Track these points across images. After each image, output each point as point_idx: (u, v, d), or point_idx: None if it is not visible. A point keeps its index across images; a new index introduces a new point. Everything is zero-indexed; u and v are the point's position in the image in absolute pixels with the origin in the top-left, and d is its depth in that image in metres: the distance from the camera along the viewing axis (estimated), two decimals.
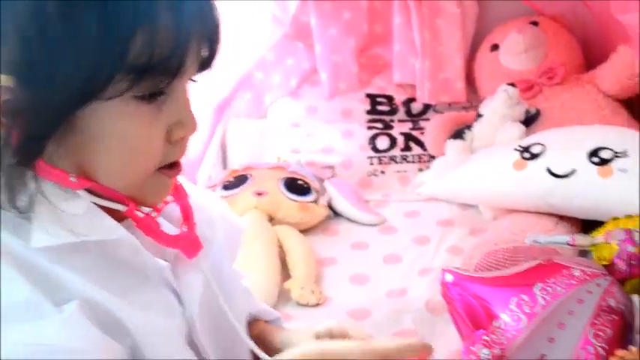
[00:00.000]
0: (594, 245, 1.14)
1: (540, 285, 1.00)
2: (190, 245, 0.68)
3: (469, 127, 1.79)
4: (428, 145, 1.87)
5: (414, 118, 1.99)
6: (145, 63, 0.55)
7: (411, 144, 1.91)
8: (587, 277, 1.02)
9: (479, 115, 1.79)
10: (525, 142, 1.57)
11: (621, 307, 1.01)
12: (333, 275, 1.51)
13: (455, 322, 1.06)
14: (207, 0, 0.60)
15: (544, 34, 1.92)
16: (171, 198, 0.68)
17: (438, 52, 1.99)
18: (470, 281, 1.04)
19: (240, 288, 0.81)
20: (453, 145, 1.77)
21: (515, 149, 1.56)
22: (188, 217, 0.69)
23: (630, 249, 1.10)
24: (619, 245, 1.11)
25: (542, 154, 1.51)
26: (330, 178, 1.83)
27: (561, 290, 0.99)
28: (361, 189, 1.84)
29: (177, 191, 0.69)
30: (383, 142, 1.91)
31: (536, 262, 1.08)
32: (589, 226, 1.34)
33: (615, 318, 0.99)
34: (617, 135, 1.51)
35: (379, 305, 1.38)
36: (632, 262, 1.09)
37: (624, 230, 1.13)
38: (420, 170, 1.87)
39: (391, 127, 1.95)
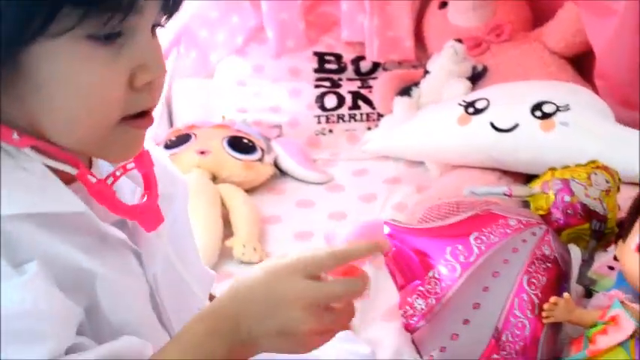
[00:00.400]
0: (532, 196, 1.15)
1: (476, 234, 1.00)
2: (150, 218, 0.63)
3: (417, 84, 1.78)
4: (376, 103, 1.85)
5: (362, 76, 1.96)
6: None
7: (360, 102, 1.89)
8: (522, 226, 1.02)
9: (426, 72, 1.77)
10: (470, 98, 1.57)
11: (556, 255, 1.01)
12: (276, 233, 1.50)
13: (392, 274, 1.05)
14: None
15: None
16: (132, 165, 0.63)
17: (386, 9, 1.95)
18: (407, 233, 1.03)
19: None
20: (400, 102, 1.75)
21: (460, 104, 1.55)
22: (150, 186, 0.64)
23: (566, 198, 1.11)
24: (555, 195, 1.11)
25: (486, 109, 1.50)
26: (277, 137, 1.80)
27: (496, 239, 0.99)
28: (309, 148, 1.82)
29: (141, 158, 0.63)
30: (331, 101, 1.88)
31: (473, 212, 1.07)
32: (532, 180, 1.35)
33: (550, 266, 1.00)
34: (560, 89, 1.52)
35: None
36: (569, 211, 1.10)
37: (561, 180, 1.13)
38: (369, 129, 1.85)
39: (339, 86, 1.92)
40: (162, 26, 0.59)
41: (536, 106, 1.45)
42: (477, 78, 1.75)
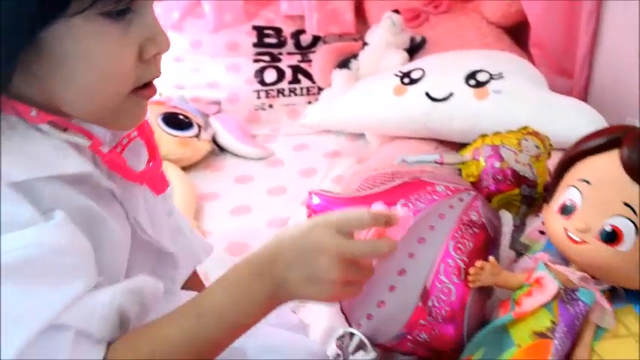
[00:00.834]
0: (463, 163, 1.14)
1: (402, 201, 0.99)
2: (158, 181, 0.71)
3: (355, 56, 1.77)
4: (315, 77, 1.83)
5: (303, 50, 1.94)
6: None
7: (300, 76, 1.87)
8: (449, 193, 1.02)
9: (364, 44, 1.76)
10: (406, 68, 1.56)
11: (484, 221, 1.01)
12: (213, 209, 1.48)
13: None
14: None
15: None
16: (136, 134, 0.69)
17: None
18: (334, 202, 1.02)
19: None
20: (338, 75, 1.74)
21: (396, 75, 1.54)
22: (154, 152, 0.71)
23: (496, 164, 1.10)
24: (485, 161, 1.11)
25: (421, 79, 1.50)
26: (217, 113, 1.77)
27: (422, 206, 0.99)
28: (249, 124, 1.80)
29: (142, 127, 0.69)
30: (270, 75, 1.86)
31: (402, 180, 1.07)
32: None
33: (477, 231, 1.00)
34: (494, 58, 1.52)
35: (259, 236, 1.35)
36: (499, 177, 1.10)
37: (491, 146, 1.13)
38: (309, 103, 1.84)
39: (279, 60, 1.90)
40: None
41: (471, 75, 1.45)
42: (415, 49, 1.75)
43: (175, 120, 1.62)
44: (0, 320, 0.54)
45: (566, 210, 0.92)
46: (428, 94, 1.46)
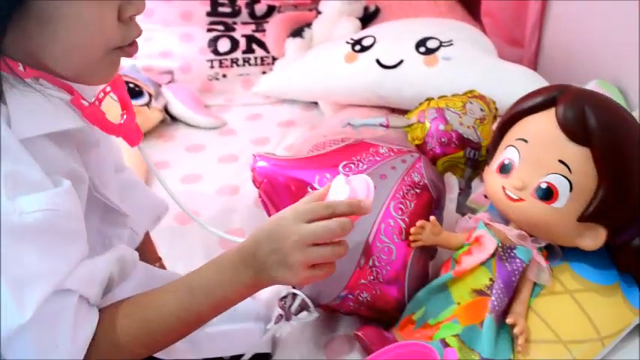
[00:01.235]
0: (409, 126, 1.15)
1: (345, 162, 0.99)
2: (133, 133, 0.77)
3: (309, 25, 1.75)
4: (269, 46, 1.82)
5: (257, 20, 1.91)
6: None
7: (254, 46, 1.85)
8: (392, 154, 1.02)
9: (318, 13, 1.75)
10: (357, 35, 1.55)
11: (427, 182, 1.02)
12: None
13: (265, 207, 1.04)
14: None
15: None
16: (109, 88, 0.74)
17: None
18: (278, 165, 1.01)
19: None
20: (292, 44, 1.72)
21: (347, 42, 1.53)
22: (128, 106, 0.77)
23: (441, 127, 1.11)
24: (430, 124, 1.11)
25: (372, 46, 1.49)
26: (169, 82, 1.75)
27: (364, 167, 0.99)
28: (202, 93, 1.78)
29: (115, 81, 0.75)
30: (224, 45, 1.83)
31: (347, 142, 1.06)
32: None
33: (419, 192, 1.00)
34: (444, 26, 1.52)
35: (208, 204, 1.35)
36: (443, 139, 1.10)
37: (436, 109, 1.14)
38: (264, 73, 1.82)
39: (233, 30, 1.87)
40: None
41: (421, 42, 1.45)
42: (369, 19, 1.75)
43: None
44: (16, 278, 0.58)
45: (505, 169, 0.93)
46: (378, 61, 1.46)
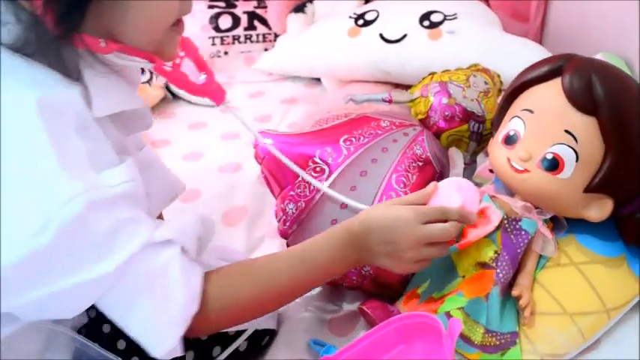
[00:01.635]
0: (412, 101, 1.13)
1: (345, 136, 0.98)
2: (216, 92, 0.80)
3: (311, 0, 1.73)
4: (271, 22, 1.79)
5: None
6: None
7: (256, 23, 1.83)
8: (394, 127, 1.01)
9: None
10: (360, 10, 1.53)
11: (429, 155, 1.00)
12: (165, 156, 1.41)
13: (267, 183, 1.02)
14: None
15: None
16: (183, 53, 0.77)
17: None
18: (280, 140, 1.00)
19: None
20: (294, 19, 1.70)
21: (350, 17, 1.51)
22: (204, 66, 0.79)
23: (444, 100, 1.09)
24: (433, 97, 1.10)
25: (375, 20, 1.47)
26: None
27: (366, 140, 0.97)
28: None
29: (186, 45, 0.77)
30: (225, 22, 1.81)
31: (350, 117, 1.05)
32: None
33: (421, 165, 0.99)
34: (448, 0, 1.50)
35: (211, 181, 1.34)
36: (446, 113, 1.09)
37: (439, 83, 1.12)
38: (266, 50, 1.80)
39: (234, 6, 1.85)
40: None
41: (425, 16, 1.43)
42: None
43: None
44: (115, 233, 0.63)
45: (510, 140, 0.91)
46: (382, 35, 1.44)
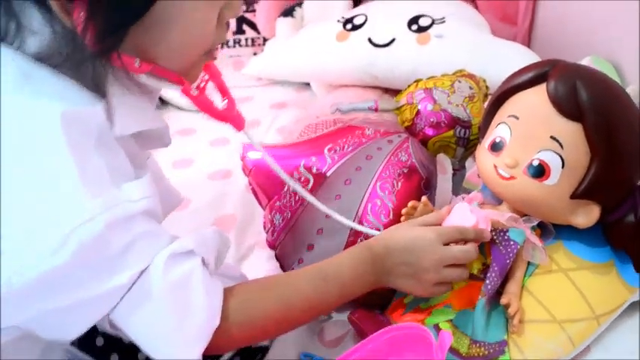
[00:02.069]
0: (398, 108, 1.12)
1: (330, 146, 0.97)
2: (237, 119, 0.80)
3: (300, 4, 1.72)
4: (260, 26, 1.79)
5: (247, 0, 1.89)
6: None
7: (244, 27, 1.82)
8: (378, 135, 1.00)
9: None
10: (349, 14, 1.52)
11: (414, 162, 0.99)
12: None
13: (255, 195, 1.02)
14: None
15: None
16: (207, 77, 0.77)
17: None
18: (269, 151, 0.99)
19: None
20: (282, 23, 1.69)
21: (338, 21, 1.51)
22: (226, 92, 0.80)
23: (429, 107, 1.09)
24: (419, 104, 1.09)
25: (363, 24, 1.46)
26: None
27: (350, 149, 0.97)
28: None
29: (211, 69, 0.77)
30: None
31: (336, 127, 1.04)
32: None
33: (406, 172, 0.98)
34: (436, 3, 1.49)
35: (200, 189, 1.33)
36: (432, 119, 1.08)
37: (424, 89, 1.12)
38: (255, 54, 1.79)
39: None
40: None
41: (413, 20, 1.42)
42: None
43: None
44: (131, 247, 0.63)
45: (496, 147, 0.91)
46: (370, 39, 1.43)
